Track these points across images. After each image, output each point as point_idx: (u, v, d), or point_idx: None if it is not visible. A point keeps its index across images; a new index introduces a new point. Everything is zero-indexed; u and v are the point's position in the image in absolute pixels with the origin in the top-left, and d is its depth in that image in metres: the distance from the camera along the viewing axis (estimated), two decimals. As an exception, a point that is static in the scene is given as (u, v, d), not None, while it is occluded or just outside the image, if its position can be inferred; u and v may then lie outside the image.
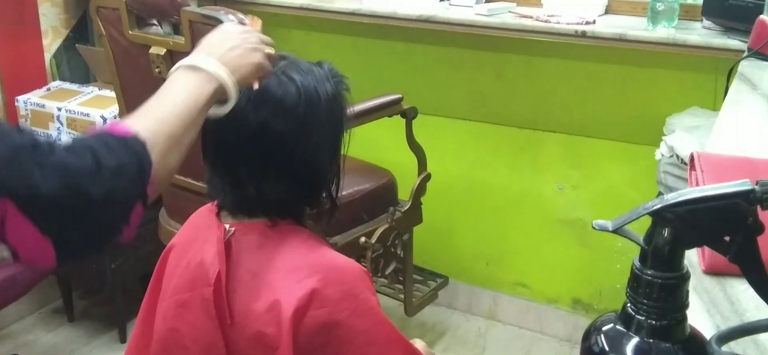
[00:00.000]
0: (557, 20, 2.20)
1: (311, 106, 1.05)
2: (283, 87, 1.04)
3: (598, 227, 0.60)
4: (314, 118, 1.05)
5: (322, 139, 1.08)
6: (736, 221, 0.57)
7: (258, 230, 1.08)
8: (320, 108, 1.06)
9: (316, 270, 1.04)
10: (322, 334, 1.02)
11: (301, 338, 1.01)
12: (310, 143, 1.06)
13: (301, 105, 1.04)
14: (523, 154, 2.57)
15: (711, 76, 2.13)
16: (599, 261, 2.51)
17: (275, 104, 1.03)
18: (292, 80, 1.05)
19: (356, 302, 1.04)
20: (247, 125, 1.03)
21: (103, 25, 2.05)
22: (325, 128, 1.08)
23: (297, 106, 1.04)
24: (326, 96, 1.07)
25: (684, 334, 0.59)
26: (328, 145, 1.10)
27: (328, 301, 1.02)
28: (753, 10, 1.84)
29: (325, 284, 1.02)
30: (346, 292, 1.04)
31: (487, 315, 2.78)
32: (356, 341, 1.03)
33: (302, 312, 1.01)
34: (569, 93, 2.44)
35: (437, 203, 2.51)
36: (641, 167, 2.32)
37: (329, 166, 1.11)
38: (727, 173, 0.93)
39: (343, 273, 1.06)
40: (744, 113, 1.37)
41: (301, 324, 1.01)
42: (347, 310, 1.03)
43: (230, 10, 1.85)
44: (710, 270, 0.82)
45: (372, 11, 2.43)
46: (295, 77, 1.05)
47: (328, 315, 1.02)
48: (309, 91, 1.05)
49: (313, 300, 1.01)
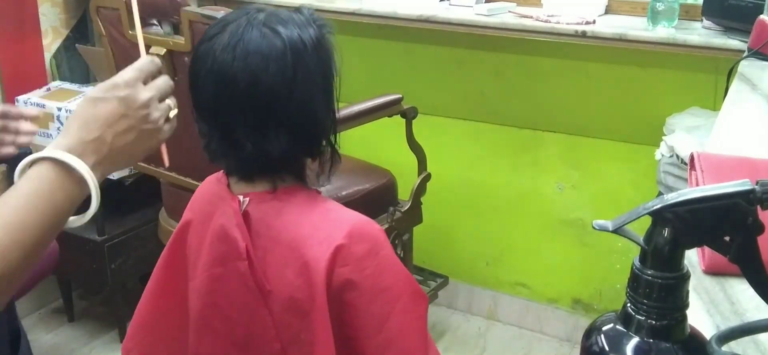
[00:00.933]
0: (557, 20, 2.20)
1: (298, 55, 1.03)
2: (267, 40, 1.02)
3: (598, 227, 0.60)
4: (302, 67, 1.04)
5: (314, 86, 1.06)
6: (736, 221, 0.57)
7: (271, 197, 1.08)
8: (307, 55, 1.04)
9: (338, 228, 1.04)
10: (349, 290, 1.02)
11: (332, 296, 1.02)
12: (302, 92, 1.04)
13: (287, 55, 1.02)
14: (523, 154, 2.57)
15: (711, 76, 2.13)
16: (599, 261, 2.51)
17: (262, 59, 1.01)
18: (275, 32, 1.03)
19: (379, 258, 1.04)
20: (237, 83, 1.01)
21: (103, 25, 2.05)
22: (314, 75, 1.06)
23: (284, 57, 1.02)
24: (311, 42, 1.05)
25: (684, 334, 0.59)
26: (320, 91, 1.08)
27: (351, 258, 1.02)
28: (753, 10, 1.84)
29: (349, 241, 1.03)
30: (370, 249, 1.04)
31: (487, 315, 2.78)
32: (383, 296, 1.03)
33: (330, 271, 1.01)
34: (569, 93, 2.44)
35: (437, 203, 2.51)
36: (641, 167, 2.32)
37: (325, 113, 1.09)
38: (727, 173, 0.93)
39: (364, 229, 1.06)
40: (744, 113, 1.37)
41: (331, 283, 1.01)
42: (371, 266, 1.03)
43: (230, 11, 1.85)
44: (710, 270, 0.82)
45: (372, 11, 2.43)
46: (278, 29, 1.03)
47: (353, 272, 1.02)
48: (293, 41, 1.03)
49: (337, 257, 1.01)
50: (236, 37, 1.02)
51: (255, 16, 1.04)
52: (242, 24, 1.03)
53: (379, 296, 1.03)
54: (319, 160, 1.13)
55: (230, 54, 1.01)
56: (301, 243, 1.04)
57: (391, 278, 1.05)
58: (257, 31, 1.03)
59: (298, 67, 1.03)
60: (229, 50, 1.01)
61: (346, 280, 1.02)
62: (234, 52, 1.01)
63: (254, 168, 1.09)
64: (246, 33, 1.02)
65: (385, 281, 1.04)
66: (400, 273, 1.07)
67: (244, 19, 1.04)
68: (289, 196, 1.09)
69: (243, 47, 1.01)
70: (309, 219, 1.07)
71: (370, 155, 2.36)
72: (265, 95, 1.02)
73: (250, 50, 1.01)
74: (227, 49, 1.01)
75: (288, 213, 1.07)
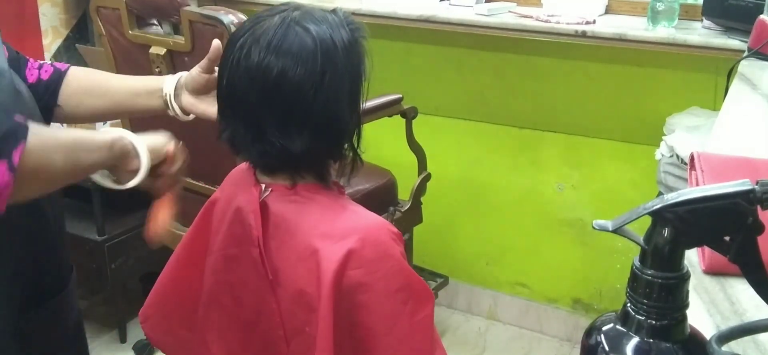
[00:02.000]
0: (557, 20, 2.20)
1: (328, 55, 1.04)
2: (299, 38, 1.03)
3: (598, 227, 0.60)
4: (332, 67, 1.04)
5: (341, 89, 1.07)
6: (736, 221, 0.57)
7: (292, 192, 1.10)
8: (337, 56, 1.05)
9: (353, 231, 1.05)
10: (359, 292, 1.03)
11: (341, 297, 1.03)
12: (328, 92, 1.05)
13: (317, 55, 1.03)
14: (523, 154, 2.57)
15: (711, 76, 2.13)
16: (599, 261, 2.52)
17: (292, 56, 1.03)
18: (307, 30, 1.04)
19: (392, 261, 1.06)
20: (267, 78, 1.03)
21: (103, 25, 2.05)
22: (343, 77, 1.07)
23: (314, 55, 1.03)
24: (343, 44, 1.06)
25: (684, 334, 0.59)
26: (347, 94, 1.08)
27: (364, 260, 1.03)
28: (753, 10, 1.84)
29: (362, 245, 1.04)
30: (383, 253, 1.05)
31: (487, 315, 2.79)
32: (394, 298, 1.05)
33: (341, 272, 1.02)
34: (569, 93, 2.44)
35: (437, 203, 2.51)
36: (641, 167, 2.32)
37: (350, 117, 1.10)
38: (727, 173, 0.93)
39: (378, 234, 1.07)
40: (744, 113, 1.37)
41: (341, 284, 1.03)
42: (382, 270, 1.04)
43: (230, 10, 1.86)
44: (710, 270, 0.82)
45: (372, 11, 2.43)
46: (310, 27, 1.04)
47: (365, 275, 1.03)
48: (325, 41, 1.04)
49: (350, 260, 1.02)
50: (270, 33, 1.03)
51: (290, 14, 1.05)
52: (276, 21, 1.04)
53: (390, 298, 1.05)
54: (341, 162, 1.14)
55: (263, 49, 1.02)
56: (315, 241, 1.05)
57: (403, 280, 1.06)
58: (291, 28, 1.04)
59: (327, 66, 1.04)
60: (263, 45, 1.02)
61: (359, 282, 1.03)
62: (267, 47, 1.03)
63: (276, 162, 1.10)
64: (279, 29, 1.03)
65: (396, 282, 1.05)
66: (410, 275, 1.08)
67: (278, 17, 1.05)
68: (309, 193, 1.10)
69: (276, 43, 1.02)
70: (326, 219, 1.08)
71: (370, 155, 2.34)
72: (291, 92, 1.03)
73: (281, 47, 1.02)
74: (260, 44, 1.02)
75: (307, 211, 1.09)
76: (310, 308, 1.05)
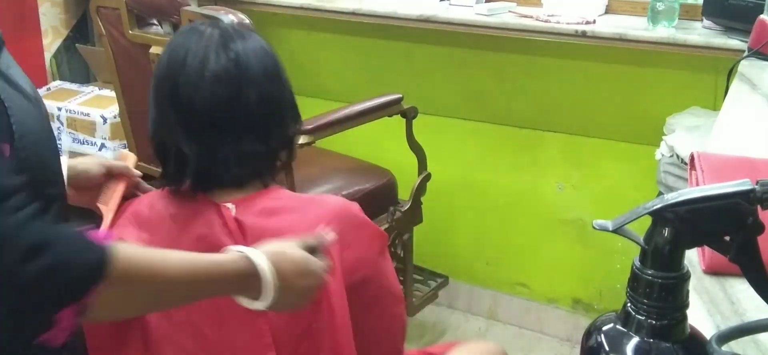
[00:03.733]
0: (557, 20, 2.20)
1: (242, 69, 1.10)
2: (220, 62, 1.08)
3: (598, 227, 0.61)
4: (250, 80, 1.10)
5: (265, 90, 1.12)
6: (736, 221, 0.57)
7: (258, 199, 1.11)
8: (250, 67, 1.10)
9: (333, 217, 1.11)
10: (358, 271, 1.14)
11: (347, 280, 1.11)
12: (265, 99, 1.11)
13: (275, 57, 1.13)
14: (523, 153, 2.57)
15: (711, 76, 2.13)
16: (599, 261, 2.51)
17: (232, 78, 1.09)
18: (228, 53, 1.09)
19: (382, 240, 1.20)
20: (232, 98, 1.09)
21: (103, 25, 2.05)
22: (260, 80, 1.11)
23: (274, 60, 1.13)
24: (254, 54, 1.12)
25: (684, 334, 0.59)
26: (272, 94, 1.13)
27: (354, 242, 1.13)
28: (753, 10, 1.84)
29: (346, 228, 1.11)
30: (370, 232, 1.18)
31: (487, 315, 2.78)
32: (388, 270, 1.21)
33: (339, 257, 1.09)
34: (569, 93, 2.44)
35: (437, 202, 2.51)
36: (641, 167, 2.32)
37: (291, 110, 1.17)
38: (727, 173, 0.93)
39: (348, 210, 1.17)
40: (744, 113, 1.37)
41: (345, 268, 1.10)
42: (376, 248, 1.18)
43: (231, 10, 1.86)
44: (710, 270, 0.82)
45: (372, 11, 2.43)
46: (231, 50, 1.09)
47: (360, 254, 1.14)
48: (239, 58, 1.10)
49: (341, 245, 1.09)
50: (203, 61, 1.07)
51: (211, 38, 1.10)
52: (201, 49, 1.08)
53: (388, 269, 1.22)
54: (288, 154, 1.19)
55: (209, 74, 1.07)
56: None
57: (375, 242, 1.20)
58: (217, 55, 1.08)
59: (245, 81, 1.09)
60: (208, 72, 1.07)
61: (359, 258, 1.14)
62: (227, 60, 1.08)
63: (250, 170, 1.12)
64: (210, 55, 1.08)
65: (387, 261, 1.22)
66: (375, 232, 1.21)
67: (202, 44, 1.09)
68: (275, 194, 1.14)
69: (232, 58, 1.08)
70: (302, 212, 1.12)
71: (370, 155, 2.36)
72: (237, 107, 1.09)
73: (240, 61, 1.09)
74: (204, 72, 1.07)
75: (280, 211, 1.11)
76: (312, 304, 1.04)
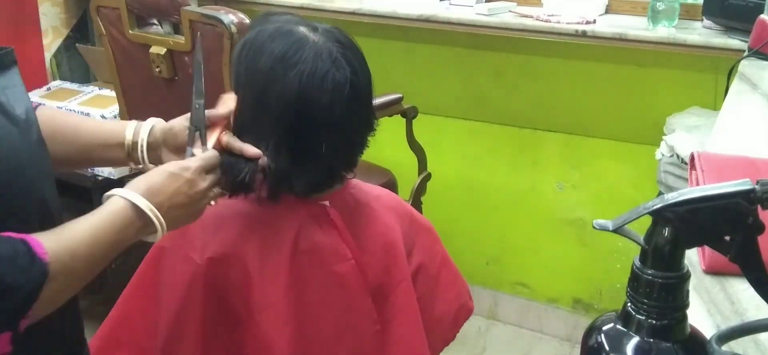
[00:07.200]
0: (557, 20, 2.20)
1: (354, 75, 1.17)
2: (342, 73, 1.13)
3: (598, 227, 0.61)
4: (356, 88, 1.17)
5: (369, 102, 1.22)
6: (736, 221, 0.57)
7: (339, 195, 1.17)
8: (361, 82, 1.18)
9: (393, 208, 1.25)
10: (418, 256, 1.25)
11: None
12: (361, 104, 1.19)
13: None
14: (523, 153, 2.57)
15: (711, 75, 2.13)
16: (599, 261, 2.51)
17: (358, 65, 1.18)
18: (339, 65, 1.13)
19: (433, 232, 1.35)
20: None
21: (104, 25, 2.05)
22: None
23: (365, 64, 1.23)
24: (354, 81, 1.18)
25: (684, 333, 0.59)
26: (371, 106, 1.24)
27: (413, 231, 1.26)
28: (753, 10, 1.84)
29: (405, 220, 1.25)
30: (422, 223, 1.32)
31: (487, 315, 2.78)
32: (444, 259, 1.37)
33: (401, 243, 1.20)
34: (569, 93, 2.44)
35: (437, 202, 2.51)
36: (641, 167, 2.32)
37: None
38: (727, 173, 0.93)
39: (405, 204, 1.31)
40: (744, 113, 1.37)
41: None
42: (430, 239, 1.32)
43: (231, 10, 1.86)
44: (710, 270, 0.82)
45: (372, 11, 2.43)
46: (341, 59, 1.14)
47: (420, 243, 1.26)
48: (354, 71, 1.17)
49: (404, 234, 1.21)
50: (315, 65, 1.08)
51: (322, 45, 1.11)
52: (311, 54, 1.08)
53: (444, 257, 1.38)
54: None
55: (318, 81, 1.07)
56: (385, 228, 1.19)
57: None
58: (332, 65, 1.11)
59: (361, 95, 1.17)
60: (318, 77, 1.06)
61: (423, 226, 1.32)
62: (322, 80, 1.07)
63: (335, 175, 1.17)
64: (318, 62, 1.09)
65: (441, 247, 1.39)
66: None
67: (310, 47, 1.09)
68: (355, 190, 1.21)
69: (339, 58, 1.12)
70: (372, 201, 1.22)
71: (370, 155, 2.34)
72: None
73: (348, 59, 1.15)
74: (314, 77, 1.06)
75: (358, 202, 1.19)
76: (384, 297, 1.15)
